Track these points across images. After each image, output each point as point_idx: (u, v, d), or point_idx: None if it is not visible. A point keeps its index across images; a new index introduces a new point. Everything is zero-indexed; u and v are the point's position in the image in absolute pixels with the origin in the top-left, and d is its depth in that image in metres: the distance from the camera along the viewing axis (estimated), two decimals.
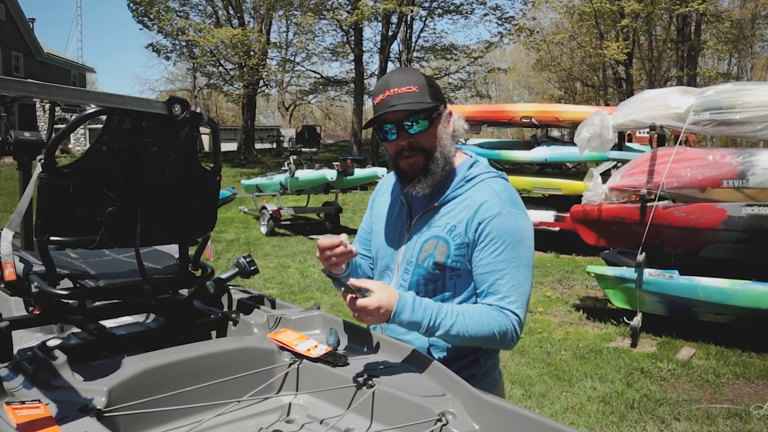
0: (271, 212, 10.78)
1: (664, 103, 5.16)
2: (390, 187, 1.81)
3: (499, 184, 1.63)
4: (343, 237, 1.58)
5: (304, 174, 10.76)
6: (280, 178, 11.13)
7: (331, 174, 10.32)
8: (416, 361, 1.51)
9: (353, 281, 1.48)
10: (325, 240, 1.55)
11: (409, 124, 1.56)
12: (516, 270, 1.55)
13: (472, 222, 1.57)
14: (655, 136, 5.46)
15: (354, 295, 1.45)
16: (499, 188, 1.61)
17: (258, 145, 29.76)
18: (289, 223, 11.65)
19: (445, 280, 1.63)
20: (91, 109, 1.42)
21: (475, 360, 1.67)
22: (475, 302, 1.62)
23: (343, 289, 1.49)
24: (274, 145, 32.34)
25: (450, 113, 1.65)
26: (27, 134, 2.00)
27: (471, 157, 1.71)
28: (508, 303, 1.54)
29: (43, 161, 1.38)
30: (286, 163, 11.21)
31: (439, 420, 1.26)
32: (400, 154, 1.61)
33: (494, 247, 1.55)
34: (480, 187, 1.62)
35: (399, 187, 1.72)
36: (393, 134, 1.59)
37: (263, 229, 11.04)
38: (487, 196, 1.58)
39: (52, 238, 1.45)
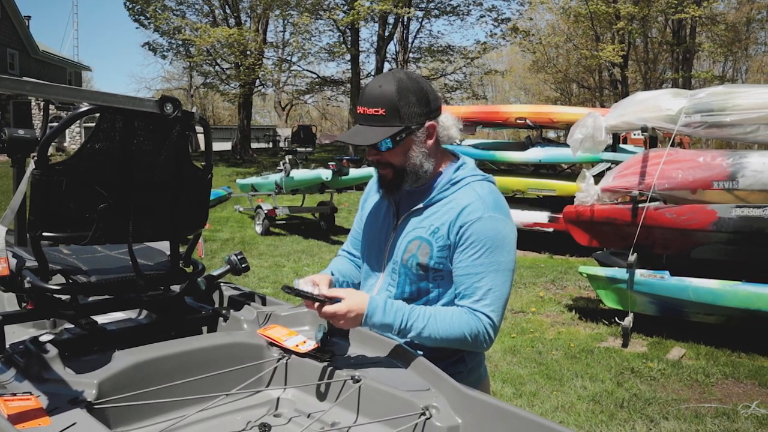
0: (266, 212, 10.79)
1: (655, 105, 5.20)
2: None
3: (484, 187, 1.65)
4: (321, 284, 1.60)
5: (300, 174, 10.76)
6: (275, 177, 11.13)
7: (326, 174, 10.32)
8: (402, 357, 1.54)
9: (324, 292, 1.52)
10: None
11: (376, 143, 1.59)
12: (494, 274, 1.57)
13: (454, 225, 1.59)
14: (648, 137, 5.51)
15: (322, 303, 1.49)
16: (483, 192, 1.62)
17: (254, 145, 29.72)
18: (284, 222, 11.67)
19: (429, 281, 1.65)
20: (84, 107, 1.44)
21: (460, 358, 1.70)
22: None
23: (316, 303, 1.51)
24: (271, 145, 32.31)
25: (432, 126, 1.62)
26: (21, 132, 2.02)
27: (458, 159, 1.73)
28: (483, 306, 1.56)
29: (36, 158, 1.41)
30: (281, 162, 11.22)
31: (423, 414, 1.30)
32: (374, 163, 1.68)
33: (474, 250, 1.57)
34: (465, 190, 1.64)
35: None
36: (365, 148, 1.65)
37: (258, 229, 11.05)
38: (471, 199, 1.60)
39: (44, 233, 1.47)
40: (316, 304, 1.51)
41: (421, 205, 1.66)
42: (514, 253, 1.62)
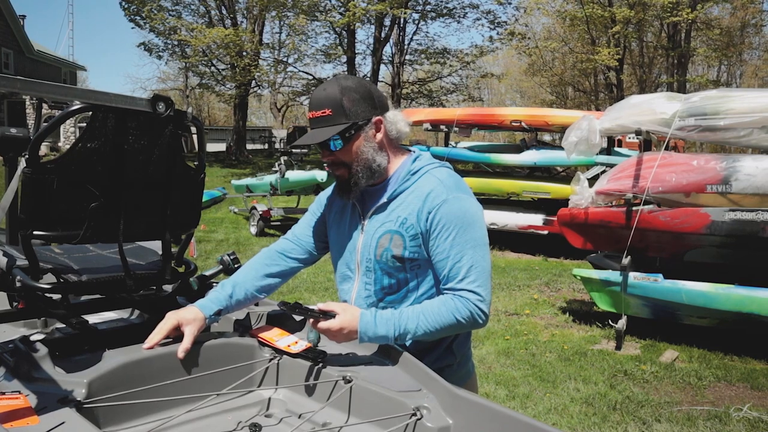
0: (261, 213, 10.78)
1: (650, 109, 5.22)
2: None
3: (442, 172, 1.69)
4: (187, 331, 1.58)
5: (295, 175, 10.77)
6: (270, 178, 11.13)
7: (321, 175, 10.33)
8: (393, 357, 1.54)
9: (320, 305, 1.56)
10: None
11: (326, 143, 1.64)
12: (472, 251, 1.60)
13: (422, 212, 1.63)
14: (642, 140, 5.53)
15: (317, 318, 1.53)
16: (443, 176, 1.67)
17: (250, 146, 29.70)
18: (279, 223, 11.65)
19: (407, 272, 1.68)
20: (76, 105, 1.43)
21: (448, 348, 1.73)
22: (437, 289, 1.68)
23: (309, 318, 1.55)
24: (266, 146, 32.29)
25: (379, 121, 1.68)
26: (13, 130, 2.01)
27: (414, 152, 1.77)
28: (469, 283, 1.59)
29: (27, 156, 1.40)
30: (276, 163, 11.22)
31: (414, 414, 1.29)
32: (329, 164, 1.71)
33: (447, 233, 1.60)
34: (425, 177, 1.68)
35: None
36: (320, 151, 1.70)
37: (253, 230, 11.04)
38: (432, 185, 1.65)
39: (35, 232, 1.46)
40: (311, 320, 1.54)
41: (384, 200, 1.70)
42: (484, 228, 1.66)
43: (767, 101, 4.75)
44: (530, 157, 9.50)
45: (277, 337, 1.62)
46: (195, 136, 1.83)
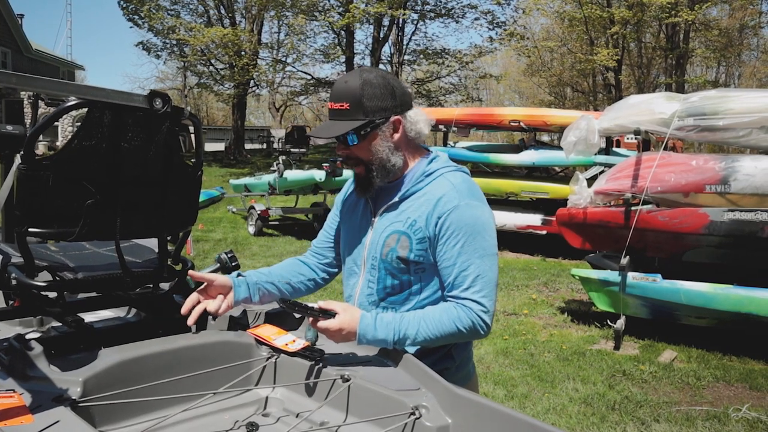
0: (259, 212, 10.77)
1: (648, 109, 5.22)
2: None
3: (457, 177, 1.66)
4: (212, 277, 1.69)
5: (293, 174, 10.74)
6: (268, 178, 11.11)
7: (319, 175, 10.31)
8: (392, 356, 1.53)
9: (321, 304, 1.53)
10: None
11: (342, 138, 1.62)
12: (480, 260, 1.57)
13: (431, 216, 1.60)
14: (641, 140, 5.53)
15: (316, 317, 1.51)
16: (456, 181, 1.64)
17: (248, 146, 29.67)
18: (277, 223, 11.65)
19: (411, 274, 1.65)
20: (72, 101, 1.42)
21: (447, 353, 1.70)
22: (442, 295, 1.65)
23: (309, 316, 1.53)
24: (264, 146, 32.23)
25: (398, 121, 1.64)
26: (9, 128, 1.99)
27: (431, 152, 1.75)
28: (473, 293, 1.56)
29: (22, 153, 1.38)
30: (275, 163, 11.20)
31: (413, 413, 1.28)
32: (344, 158, 1.69)
33: (455, 240, 1.57)
34: (439, 181, 1.65)
35: None
36: (336, 143, 1.67)
37: (251, 229, 11.02)
38: (445, 189, 1.61)
39: (30, 229, 1.45)
40: (311, 318, 1.52)
41: (396, 199, 1.67)
42: (495, 237, 1.63)
43: (766, 101, 4.75)
44: (529, 157, 9.50)
45: (275, 335, 1.61)
46: (193, 135, 1.82)
